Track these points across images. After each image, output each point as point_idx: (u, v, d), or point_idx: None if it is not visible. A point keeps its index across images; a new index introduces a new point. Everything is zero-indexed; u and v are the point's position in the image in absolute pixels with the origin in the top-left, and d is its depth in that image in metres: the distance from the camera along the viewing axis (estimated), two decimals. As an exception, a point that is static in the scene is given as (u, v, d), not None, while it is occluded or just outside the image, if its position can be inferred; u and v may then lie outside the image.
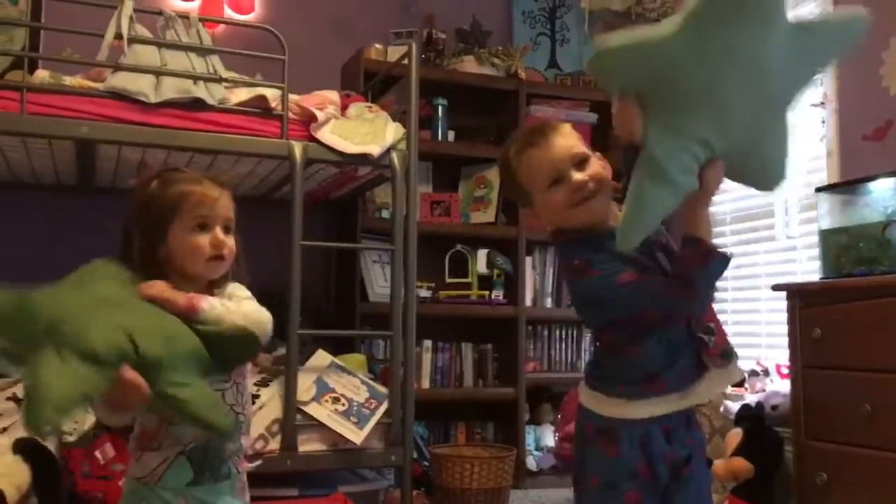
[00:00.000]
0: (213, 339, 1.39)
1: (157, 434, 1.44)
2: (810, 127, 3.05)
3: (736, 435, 2.66)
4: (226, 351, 1.41)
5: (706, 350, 1.51)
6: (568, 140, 1.54)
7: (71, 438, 2.34)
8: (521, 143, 1.57)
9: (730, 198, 3.56)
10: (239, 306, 1.46)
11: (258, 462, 2.31)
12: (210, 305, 1.41)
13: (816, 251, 2.77)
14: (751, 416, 2.69)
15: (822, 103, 3.01)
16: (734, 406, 2.80)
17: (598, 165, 1.53)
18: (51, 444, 2.33)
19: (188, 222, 1.44)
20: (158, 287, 1.40)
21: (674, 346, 1.49)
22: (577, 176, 1.51)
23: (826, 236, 2.64)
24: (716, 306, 3.40)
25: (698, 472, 1.53)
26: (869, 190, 2.57)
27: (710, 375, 1.52)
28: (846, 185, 2.71)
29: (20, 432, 2.32)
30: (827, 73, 3.00)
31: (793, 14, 1.38)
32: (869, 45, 2.88)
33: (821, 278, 2.61)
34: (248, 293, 1.52)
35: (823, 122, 3.01)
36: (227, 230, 1.49)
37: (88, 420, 2.36)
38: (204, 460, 1.44)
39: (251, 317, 1.46)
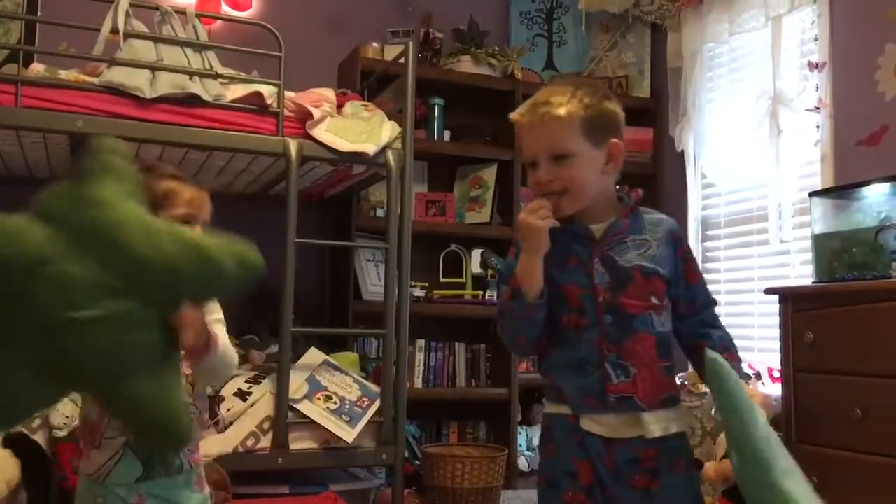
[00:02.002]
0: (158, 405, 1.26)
1: (99, 427, 1.43)
2: (805, 131, 3.06)
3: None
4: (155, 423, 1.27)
5: (607, 383, 1.49)
6: (557, 130, 1.49)
7: (61, 433, 2.33)
8: (520, 114, 1.55)
9: (724, 201, 3.56)
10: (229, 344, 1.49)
11: (212, 456, 2.31)
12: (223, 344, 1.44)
13: (809, 255, 2.78)
14: (742, 419, 2.69)
15: (818, 108, 3.01)
16: (726, 409, 2.80)
17: (578, 167, 1.49)
18: (41, 439, 2.32)
19: (175, 217, 1.44)
20: (190, 320, 1.32)
21: (581, 367, 1.51)
22: (537, 174, 1.52)
23: (819, 241, 2.65)
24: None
25: (671, 488, 1.51)
26: (862, 195, 2.58)
27: (649, 415, 1.50)
28: (840, 190, 2.72)
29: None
30: (823, 79, 3.01)
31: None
32: (864, 50, 2.89)
33: (813, 282, 2.62)
34: (220, 313, 1.52)
35: (818, 126, 3.01)
36: (204, 229, 1.50)
37: (79, 415, 2.35)
38: (151, 453, 1.42)
39: (228, 355, 1.48)
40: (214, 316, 1.49)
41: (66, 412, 2.35)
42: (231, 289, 1.29)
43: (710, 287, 1.72)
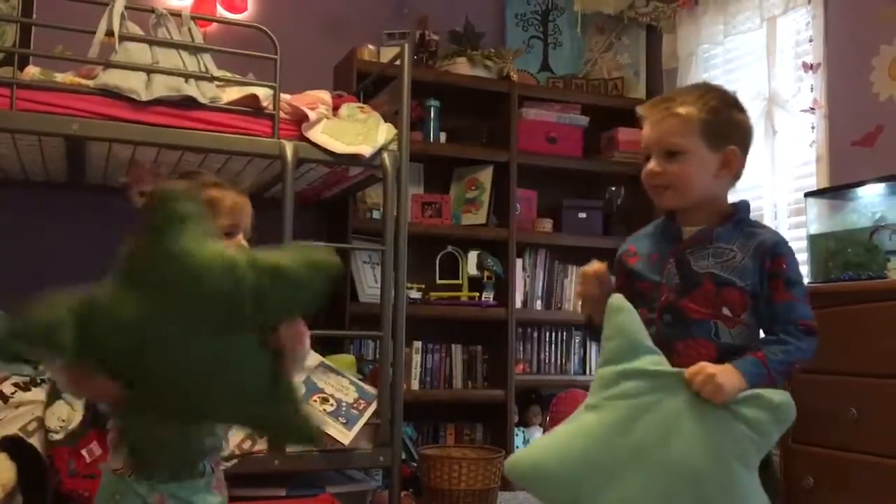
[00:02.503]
0: (290, 411, 1.38)
1: None
2: (800, 132, 3.07)
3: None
4: (291, 428, 1.40)
5: None
6: (674, 126, 1.55)
7: (58, 437, 2.33)
8: (647, 107, 1.63)
9: (720, 202, 3.57)
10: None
11: (233, 461, 2.31)
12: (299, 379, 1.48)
13: (805, 255, 2.78)
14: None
15: (812, 109, 3.02)
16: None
17: (688, 165, 1.54)
18: (37, 443, 2.32)
19: (218, 227, 1.46)
20: (295, 333, 1.39)
21: None
22: (648, 166, 1.59)
23: (815, 241, 2.66)
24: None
25: None
26: (858, 195, 2.59)
27: None
28: (835, 191, 2.73)
29: (6, 430, 2.31)
30: (818, 79, 3.02)
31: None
32: (859, 51, 2.90)
33: (809, 283, 2.62)
34: None
35: (813, 127, 3.02)
36: (247, 238, 1.53)
37: (75, 418, 2.35)
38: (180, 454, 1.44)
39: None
40: None
41: (62, 415, 2.35)
42: (315, 297, 1.34)
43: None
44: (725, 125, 1.56)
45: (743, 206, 1.62)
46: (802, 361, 1.52)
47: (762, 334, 1.57)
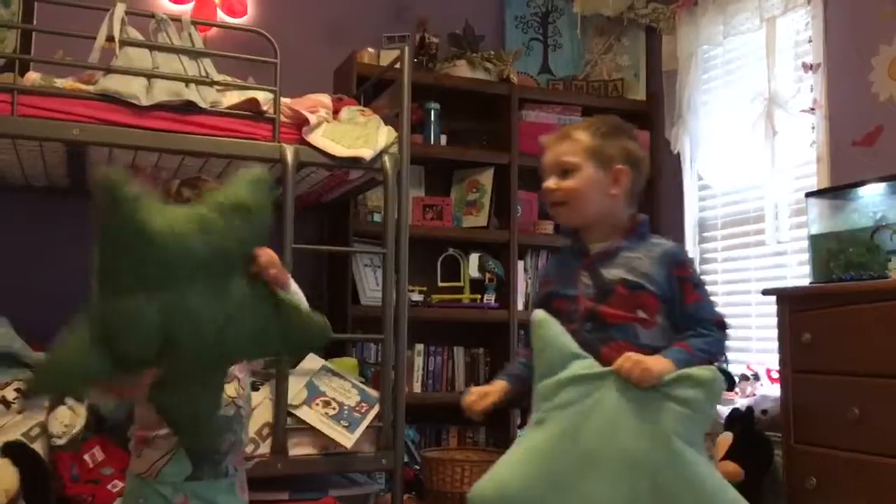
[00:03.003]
0: (295, 320, 1.44)
1: (157, 427, 1.45)
2: (800, 132, 3.07)
3: (726, 439, 2.67)
4: (303, 334, 1.46)
5: None
6: (565, 148, 1.72)
7: (60, 442, 2.33)
8: (547, 137, 1.81)
9: (720, 203, 3.57)
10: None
11: (252, 462, 2.31)
12: (295, 289, 1.56)
13: (806, 256, 2.78)
14: (741, 420, 2.70)
15: (812, 109, 3.02)
16: (725, 410, 2.80)
17: (578, 180, 1.70)
18: (39, 448, 2.32)
19: None
20: (268, 255, 1.45)
21: None
22: (546, 183, 1.75)
23: (816, 241, 2.65)
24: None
25: None
26: (858, 195, 2.58)
27: None
28: (836, 191, 2.73)
29: (9, 436, 2.32)
30: (817, 80, 3.02)
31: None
32: (859, 51, 2.90)
33: (810, 283, 2.62)
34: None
35: (813, 127, 3.02)
36: None
37: (78, 423, 2.35)
38: (202, 455, 1.45)
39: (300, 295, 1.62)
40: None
41: (65, 420, 2.35)
42: (262, 214, 1.44)
43: (707, 288, 1.77)
44: (613, 148, 1.72)
45: (643, 221, 1.77)
46: (720, 355, 1.71)
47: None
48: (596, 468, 1.51)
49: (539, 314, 1.67)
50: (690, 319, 1.67)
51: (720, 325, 1.69)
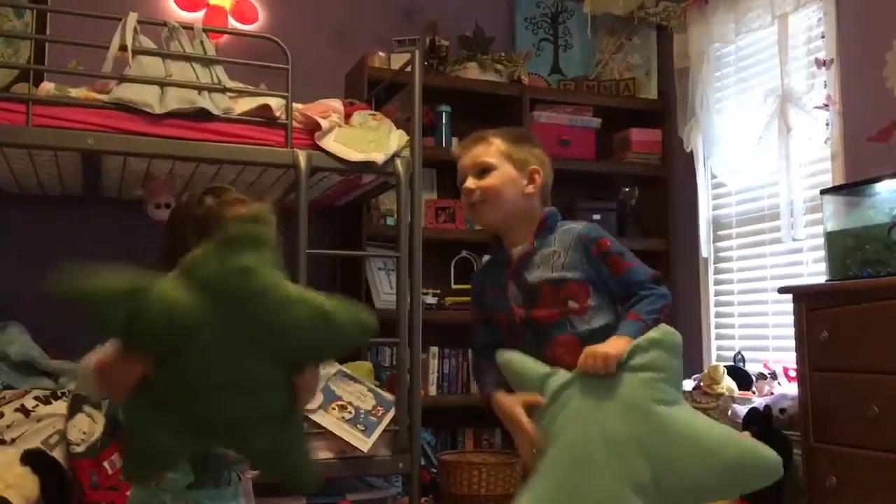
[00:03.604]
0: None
1: None
2: (814, 129, 3.05)
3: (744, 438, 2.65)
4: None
5: None
6: (481, 150, 1.80)
7: (79, 449, 2.34)
8: (461, 143, 1.89)
9: (735, 200, 3.55)
10: None
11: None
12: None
13: (822, 253, 2.76)
14: (759, 420, 2.68)
15: (826, 105, 3.00)
16: (742, 409, 2.79)
17: (496, 178, 1.76)
18: (59, 455, 2.34)
19: None
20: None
21: None
22: (464, 185, 1.81)
23: (832, 238, 2.63)
24: (723, 309, 3.38)
25: None
26: (874, 191, 2.56)
27: None
28: (851, 187, 2.71)
29: (29, 444, 2.33)
30: (831, 76, 3.00)
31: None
32: (872, 46, 2.88)
33: (827, 280, 2.61)
34: None
35: (828, 124, 3.00)
36: None
37: (96, 431, 2.36)
38: (205, 463, 1.45)
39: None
40: None
41: (84, 427, 2.36)
42: (349, 348, 1.47)
43: (723, 287, 1.78)
44: (525, 150, 1.81)
45: (551, 213, 1.82)
46: (668, 305, 1.73)
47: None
48: (596, 466, 1.56)
49: (502, 357, 1.73)
50: (629, 286, 1.74)
51: (657, 280, 1.75)
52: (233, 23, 3.57)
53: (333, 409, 2.64)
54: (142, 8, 3.05)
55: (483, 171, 1.78)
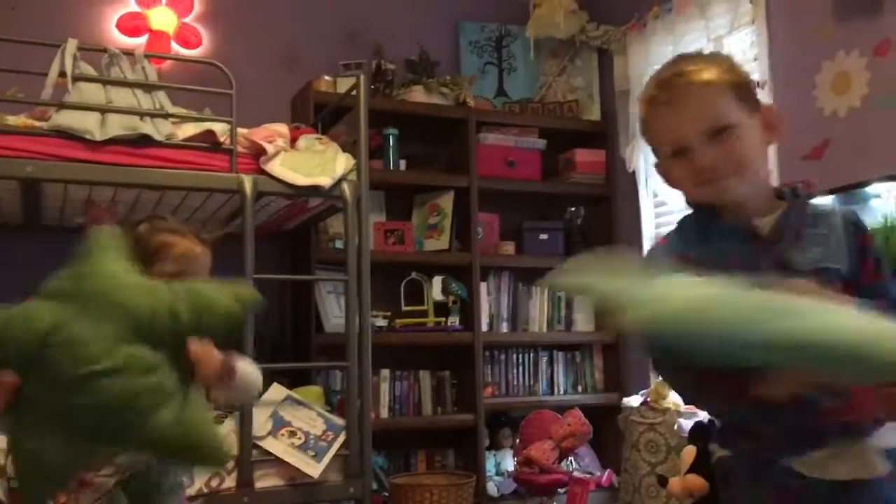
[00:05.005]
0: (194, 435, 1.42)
1: (97, 468, 1.43)
2: (751, 148, 3.14)
3: (690, 452, 2.70)
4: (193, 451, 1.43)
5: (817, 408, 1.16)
6: (705, 103, 1.25)
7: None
8: (651, 94, 1.32)
9: (676, 218, 3.60)
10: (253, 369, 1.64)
11: (199, 500, 2.29)
12: (241, 376, 1.55)
13: (761, 269, 2.84)
14: (703, 433, 2.73)
15: (761, 125, 3.09)
16: (688, 423, 2.84)
17: (742, 139, 1.24)
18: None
19: (164, 272, 1.48)
20: (202, 353, 1.45)
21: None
22: (698, 160, 1.25)
23: (769, 254, 2.71)
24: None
25: None
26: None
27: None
28: (786, 204, 2.79)
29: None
30: (765, 96, 3.10)
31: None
32: (803, 68, 2.98)
33: (766, 295, 2.68)
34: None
35: (763, 143, 3.10)
36: None
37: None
38: (142, 494, 1.43)
39: (248, 378, 1.60)
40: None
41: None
42: (230, 323, 1.47)
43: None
44: (750, 82, 1.31)
45: (802, 185, 1.33)
46: None
47: None
48: None
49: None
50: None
51: None
52: (176, 48, 3.54)
53: (283, 435, 2.61)
54: (83, 34, 3.01)
55: (719, 131, 1.24)
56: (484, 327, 3.74)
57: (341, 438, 2.67)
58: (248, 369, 1.61)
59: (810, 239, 1.25)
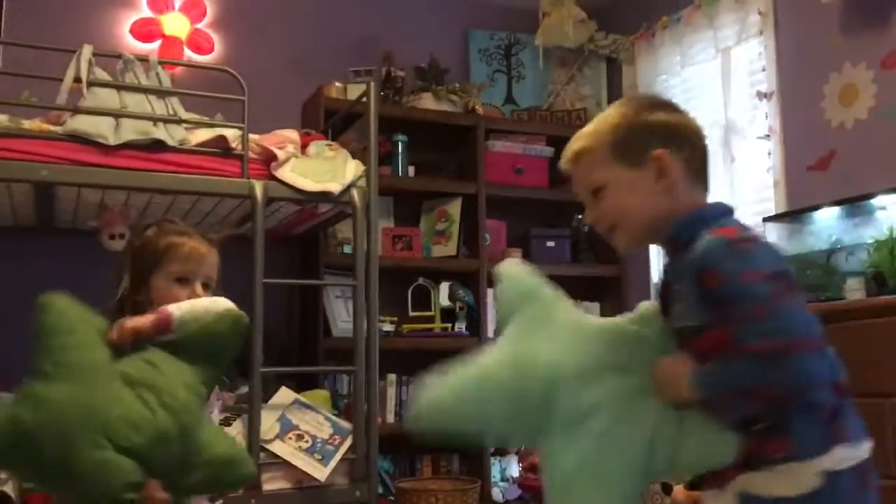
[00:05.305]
0: (199, 339, 1.44)
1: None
2: (757, 158, 3.16)
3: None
4: (217, 344, 1.47)
5: None
6: (584, 165, 1.34)
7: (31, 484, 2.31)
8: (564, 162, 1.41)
9: (684, 227, 3.64)
10: (202, 300, 1.55)
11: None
12: (176, 306, 1.47)
13: (767, 278, 2.85)
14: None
15: (768, 135, 3.12)
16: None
17: (611, 196, 1.30)
18: (11, 490, 2.30)
19: (171, 273, 1.50)
20: (121, 329, 1.42)
21: None
22: (587, 217, 1.38)
23: (775, 264, 2.72)
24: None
25: None
26: (814, 219, 2.67)
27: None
28: (792, 215, 2.81)
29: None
30: (772, 107, 3.12)
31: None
32: (810, 79, 3.00)
33: (771, 305, 2.69)
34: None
35: (769, 153, 3.11)
36: (206, 286, 1.55)
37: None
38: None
39: (220, 302, 1.53)
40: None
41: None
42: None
43: None
44: (638, 132, 1.31)
45: (693, 214, 1.27)
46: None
47: None
48: None
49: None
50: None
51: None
52: (188, 53, 3.58)
53: (290, 438, 2.64)
54: (97, 39, 3.05)
55: (595, 191, 1.32)
56: (490, 333, 3.75)
57: (348, 442, 2.69)
58: (187, 305, 1.55)
59: (676, 295, 1.28)
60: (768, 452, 1.13)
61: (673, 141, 1.30)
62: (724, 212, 1.30)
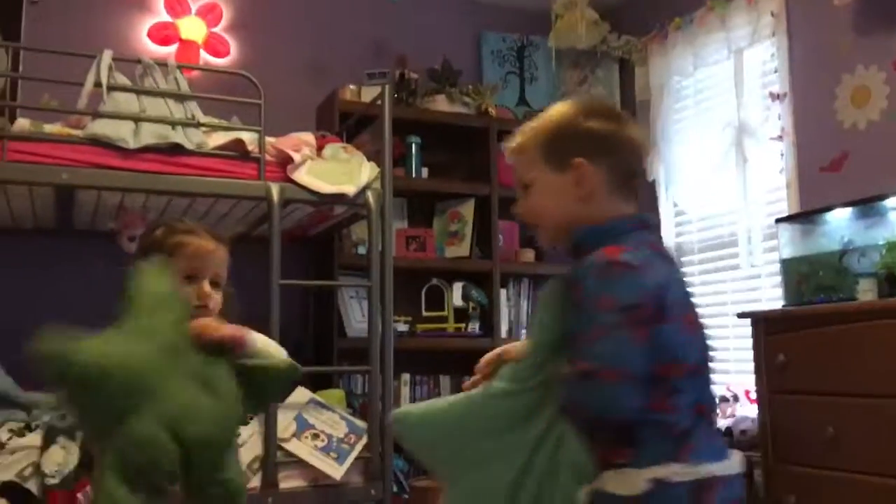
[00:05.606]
0: (259, 374, 1.52)
1: None
2: (770, 159, 3.17)
3: (707, 460, 2.72)
4: (270, 385, 1.58)
5: None
6: (516, 164, 1.40)
7: (54, 481, 2.35)
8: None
9: (696, 228, 3.66)
10: (272, 342, 1.65)
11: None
12: (255, 336, 1.56)
13: (779, 279, 2.87)
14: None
15: (781, 137, 3.12)
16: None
17: (534, 195, 1.36)
18: (33, 487, 2.34)
19: (179, 271, 1.53)
20: (202, 324, 1.49)
21: None
22: (516, 208, 1.44)
23: (787, 265, 2.74)
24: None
25: None
26: (826, 220, 2.68)
27: None
28: (804, 216, 2.82)
29: (3, 476, 2.34)
30: (784, 108, 3.13)
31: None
32: (823, 80, 3.01)
33: (783, 306, 2.70)
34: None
35: (782, 154, 3.12)
36: (215, 283, 1.58)
37: (71, 462, 2.38)
38: None
39: (281, 350, 1.64)
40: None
41: (58, 459, 2.37)
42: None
43: None
44: (566, 138, 1.33)
45: (589, 228, 1.29)
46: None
47: None
48: None
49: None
50: None
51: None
52: (205, 56, 3.62)
53: (306, 437, 2.67)
54: (114, 43, 3.09)
55: (525, 188, 1.38)
56: (503, 334, 3.78)
57: (363, 441, 2.73)
58: (262, 339, 1.63)
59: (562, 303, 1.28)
60: (614, 458, 1.22)
61: (598, 151, 1.32)
62: (636, 227, 1.31)
